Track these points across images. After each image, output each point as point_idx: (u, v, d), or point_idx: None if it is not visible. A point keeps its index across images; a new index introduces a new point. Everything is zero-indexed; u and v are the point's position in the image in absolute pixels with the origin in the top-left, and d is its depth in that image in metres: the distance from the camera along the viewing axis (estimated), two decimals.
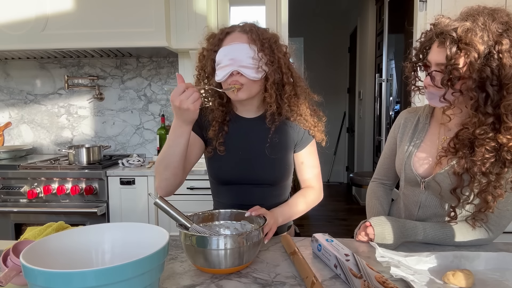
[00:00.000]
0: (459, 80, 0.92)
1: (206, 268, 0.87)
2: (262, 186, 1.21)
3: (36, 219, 2.25)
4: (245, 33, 1.12)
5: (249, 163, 1.19)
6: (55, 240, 0.77)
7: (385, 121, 3.19)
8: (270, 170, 1.20)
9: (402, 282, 0.82)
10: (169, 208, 0.91)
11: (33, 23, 2.29)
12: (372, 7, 4.23)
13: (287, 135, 1.22)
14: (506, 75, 0.87)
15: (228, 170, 1.20)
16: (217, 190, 1.27)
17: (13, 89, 2.87)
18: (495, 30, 0.89)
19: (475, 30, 0.90)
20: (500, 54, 0.88)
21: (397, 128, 1.24)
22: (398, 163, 1.19)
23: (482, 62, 0.89)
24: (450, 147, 1.00)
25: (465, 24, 0.91)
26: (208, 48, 1.18)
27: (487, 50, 0.89)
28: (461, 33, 0.90)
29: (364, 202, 4.63)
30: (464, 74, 0.91)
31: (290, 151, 1.23)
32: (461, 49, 0.90)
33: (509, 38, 0.89)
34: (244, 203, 1.14)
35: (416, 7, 2.11)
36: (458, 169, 0.98)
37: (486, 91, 0.90)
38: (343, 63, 5.77)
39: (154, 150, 2.78)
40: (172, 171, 1.09)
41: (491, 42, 0.89)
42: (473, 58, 0.89)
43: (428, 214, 1.11)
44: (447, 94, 0.95)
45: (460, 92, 0.94)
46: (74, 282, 0.60)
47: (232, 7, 2.78)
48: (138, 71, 2.80)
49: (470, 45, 0.89)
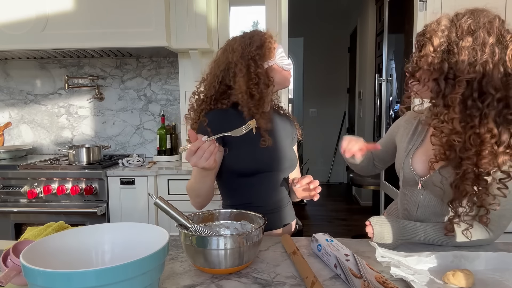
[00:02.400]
0: (418, 70, 1.00)
1: (206, 268, 0.87)
2: (279, 174, 1.29)
3: (36, 219, 2.25)
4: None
5: (274, 150, 1.27)
6: (55, 240, 0.77)
7: (385, 121, 3.19)
8: (292, 156, 1.33)
9: (402, 282, 0.82)
10: (169, 208, 0.91)
11: (33, 23, 2.29)
12: (372, 7, 4.23)
13: (291, 127, 1.40)
14: (460, 69, 0.92)
15: (261, 160, 1.24)
16: (233, 187, 1.27)
17: (13, 89, 2.87)
18: (466, 28, 0.93)
19: (442, 26, 0.96)
20: (459, 50, 0.93)
21: (396, 127, 1.27)
22: (397, 162, 1.20)
23: (441, 56, 0.95)
24: (440, 153, 1.01)
25: (439, 20, 0.98)
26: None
27: (447, 44, 0.95)
28: (428, 28, 0.99)
29: (364, 202, 4.66)
30: (421, 65, 0.98)
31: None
32: (422, 42, 0.99)
33: (473, 36, 0.92)
34: (261, 193, 1.26)
35: (416, 7, 2.11)
36: (454, 181, 0.98)
37: (438, 83, 0.96)
38: (343, 63, 5.77)
39: (154, 150, 2.78)
40: (203, 196, 1.22)
41: (455, 39, 0.94)
42: (428, 50, 0.96)
43: (427, 214, 1.12)
44: (408, 82, 1.04)
45: (418, 81, 1.02)
46: (74, 282, 0.60)
47: (232, 7, 2.78)
48: (138, 71, 2.80)
49: (428, 39, 0.97)
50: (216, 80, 1.24)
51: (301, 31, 5.56)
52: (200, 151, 0.97)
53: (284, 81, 1.28)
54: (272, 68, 1.24)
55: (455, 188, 0.98)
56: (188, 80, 2.55)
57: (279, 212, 1.29)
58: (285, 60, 1.25)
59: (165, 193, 2.26)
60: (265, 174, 1.26)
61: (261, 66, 1.20)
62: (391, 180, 2.79)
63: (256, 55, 1.20)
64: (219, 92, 1.25)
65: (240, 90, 1.19)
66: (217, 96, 1.25)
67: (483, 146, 0.92)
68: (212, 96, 1.25)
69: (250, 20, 3.43)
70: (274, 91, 1.27)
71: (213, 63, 1.29)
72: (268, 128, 1.23)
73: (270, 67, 1.23)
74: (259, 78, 1.19)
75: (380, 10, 3.79)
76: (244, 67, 1.19)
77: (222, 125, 1.18)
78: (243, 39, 1.23)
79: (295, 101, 6.01)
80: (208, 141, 0.97)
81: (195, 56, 2.42)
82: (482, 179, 0.94)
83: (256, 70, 1.19)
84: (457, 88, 0.92)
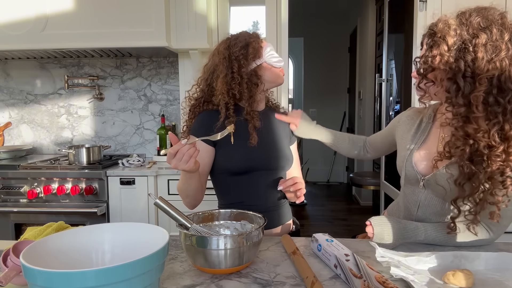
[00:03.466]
0: (432, 70, 0.99)
1: (206, 268, 0.87)
2: (273, 172, 1.29)
3: (36, 219, 2.25)
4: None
5: (267, 149, 1.28)
6: (55, 240, 0.77)
7: (385, 121, 3.19)
8: (287, 155, 1.33)
9: (402, 282, 0.82)
10: (169, 208, 0.91)
11: (33, 23, 2.29)
12: (372, 7, 4.23)
13: (286, 126, 1.40)
14: (479, 66, 0.91)
15: (253, 158, 1.24)
16: (226, 185, 1.29)
17: (13, 89, 2.87)
18: (477, 26, 0.93)
19: (452, 24, 0.95)
20: (475, 48, 0.92)
21: (397, 122, 1.28)
22: (399, 160, 1.19)
23: (455, 54, 0.94)
24: (445, 151, 1.00)
25: (446, 20, 0.97)
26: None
27: (461, 43, 0.94)
28: (438, 28, 0.97)
29: (364, 202, 4.66)
30: (437, 65, 0.97)
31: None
32: (435, 41, 0.97)
33: (487, 33, 0.92)
34: (255, 191, 1.26)
35: (416, 7, 2.11)
36: (459, 179, 0.98)
37: (457, 82, 0.94)
38: (343, 63, 5.77)
39: (154, 150, 2.78)
40: (192, 197, 1.23)
41: (468, 36, 0.93)
42: (443, 50, 0.95)
43: (427, 214, 1.11)
44: (421, 83, 1.03)
45: (433, 82, 1.01)
46: (74, 282, 0.60)
47: (232, 7, 2.78)
48: (138, 71, 2.80)
49: (441, 38, 0.96)
50: (205, 83, 1.30)
51: (301, 31, 5.56)
52: (179, 154, 0.98)
53: (276, 78, 1.29)
54: (261, 67, 1.25)
55: (460, 186, 0.97)
56: (188, 80, 2.55)
57: (275, 211, 1.29)
58: (274, 58, 1.27)
59: (165, 193, 2.26)
60: (258, 172, 1.26)
61: (246, 66, 1.22)
62: (391, 180, 2.79)
63: (240, 55, 1.22)
64: (207, 94, 1.29)
65: (221, 91, 1.22)
66: (206, 98, 1.29)
67: (510, 142, 0.91)
68: (201, 99, 1.29)
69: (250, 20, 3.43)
70: (266, 89, 1.30)
71: (204, 68, 1.33)
72: (257, 127, 1.24)
73: (259, 66, 1.25)
74: (242, 78, 1.22)
75: (380, 10, 3.79)
76: (225, 68, 1.22)
77: (210, 126, 1.21)
78: (228, 41, 1.26)
79: (295, 101, 6.01)
80: (188, 144, 0.98)
81: (195, 56, 2.42)
82: (499, 176, 0.93)
83: (239, 69, 1.22)
84: (479, 86, 0.91)
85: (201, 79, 1.33)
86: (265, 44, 1.27)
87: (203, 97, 1.29)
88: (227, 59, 1.23)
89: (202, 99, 1.29)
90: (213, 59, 1.29)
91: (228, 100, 1.22)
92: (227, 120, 1.21)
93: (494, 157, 0.92)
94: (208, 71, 1.30)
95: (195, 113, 1.29)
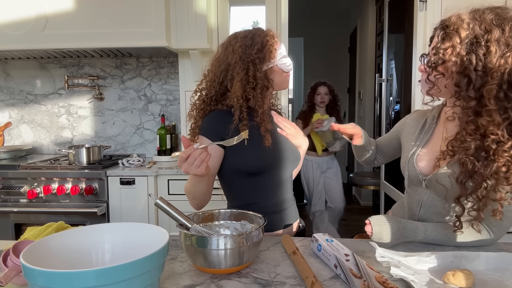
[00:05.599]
0: (443, 63, 0.99)
1: (206, 268, 0.87)
2: (285, 171, 1.29)
3: (36, 219, 2.25)
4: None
5: (280, 148, 1.27)
6: (55, 240, 0.77)
7: (385, 121, 3.19)
8: (295, 153, 1.33)
9: (402, 282, 0.82)
10: (170, 208, 0.91)
11: (33, 23, 2.29)
12: (372, 7, 4.23)
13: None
14: (491, 61, 0.92)
15: (268, 158, 1.23)
16: (240, 187, 1.26)
17: (13, 89, 2.87)
18: (490, 22, 0.94)
19: (465, 19, 0.96)
20: (488, 43, 0.93)
21: (402, 124, 1.28)
22: (402, 161, 1.20)
23: (467, 48, 0.95)
24: (448, 149, 1.00)
25: (460, 15, 0.98)
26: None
27: (473, 37, 0.95)
28: (451, 21, 0.98)
29: (364, 202, 4.66)
30: (448, 57, 0.98)
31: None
32: (447, 33, 0.98)
33: (499, 30, 0.93)
34: (269, 191, 1.25)
35: (416, 7, 2.11)
36: (461, 177, 0.97)
37: (469, 75, 0.95)
38: (343, 63, 5.77)
39: (154, 150, 2.78)
40: (199, 199, 1.22)
41: (481, 31, 0.94)
42: (455, 42, 0.96)
43: (429, 213, 1.12)
44: (431, 75, 1.02)
45: (443, 74, 1.01)
46: (74, 282, 0.60)
47: (232, 7, 2.78)
48: (138, 71, 2.80)
49: (454, 30, 0.96)
50: (216, 80, 1.24)
51: (301, 31, 5.56)
52: (191, 158, 0.96)
53: (283, 83, 1.27)
54: (272, 70, 1.23)
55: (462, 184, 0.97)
56: (188, 80, 2.56)
57: (284, 212, 1.29)
58: (285, 61, 1.24)
59: (165, 193, 2.26)
60: (271, 173, 1.25)
61: (261, 70, 1.19)
62: (391, 180, 2.79)
63: (256, 58, 1.18)
64: (219, 93, 1.24)
65: (236, 94, 1.18)
66: (217, 97, 1.24)
67: None
68: (212, 97, 1.24)
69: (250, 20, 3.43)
70: (273, 92, 1.28)
71: (214, 61, 1.27)
72: (269, 129, 1.23)
73: (270, 69, 1.22)
74: (257, 81, 1.19)
75: (380, 10, 3.79)
76: (242, 70, 1.18)
77: (220, 127, 1.18)
78: (244, 40, 1.21)
79: (295, 101, 6.01)
80: (200, 148, 0.96)
81: (195, 56, 2.42)
82: (504, 173, 0.93)
83: (254, 73, 1.18)
84: (491, 80, 0.92)
85: (212, 73, 1.27)
86: (278, 44, 1.24)
87: (215, 95, 1.24)
88: (244, 61, 1.19)
89: (213, 97, 1.24)
90: (225, 55, 1.23)
91: (242, 103, 1.19)
92: (240, 123, 1.18)
93: (501, 152, 0.92)
94: (219, 68, 1.24)
95: (205, 111, 1.25)
